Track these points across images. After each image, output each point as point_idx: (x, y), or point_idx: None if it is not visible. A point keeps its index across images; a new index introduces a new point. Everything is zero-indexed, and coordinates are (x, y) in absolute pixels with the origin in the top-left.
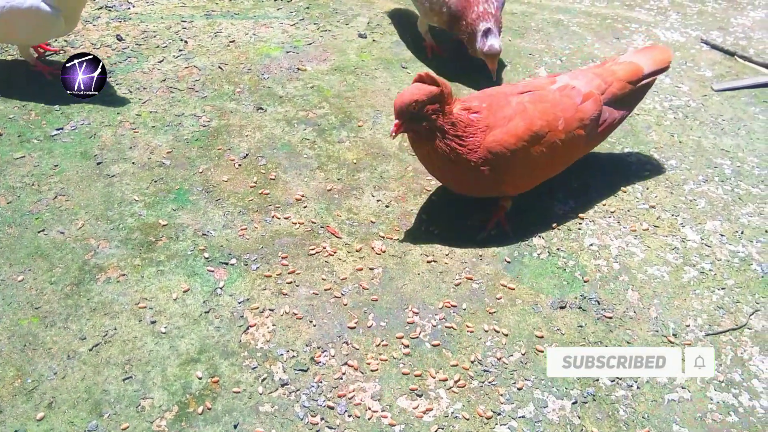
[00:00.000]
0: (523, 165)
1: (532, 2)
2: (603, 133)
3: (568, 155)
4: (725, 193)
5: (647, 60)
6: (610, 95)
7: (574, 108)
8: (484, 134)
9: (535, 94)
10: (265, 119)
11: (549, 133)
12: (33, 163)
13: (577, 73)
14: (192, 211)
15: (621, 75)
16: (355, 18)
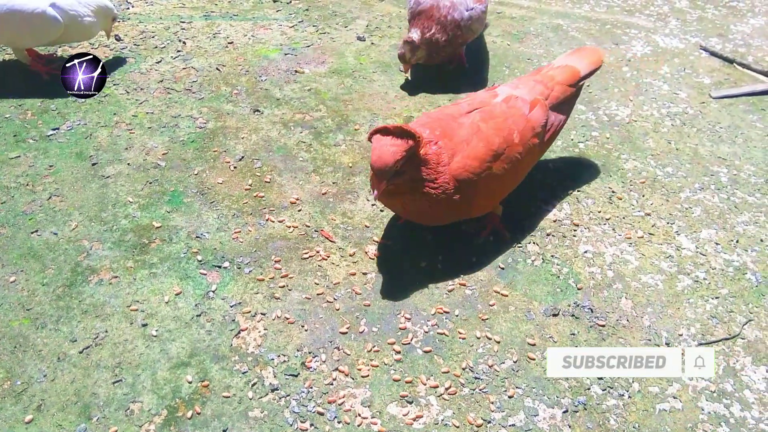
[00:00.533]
0: (489, 185)
1: (532, 6)
2: (551, 138)
3: (527, 166)
4: (721, 201)
5: (582, 62)
6: (554, 100)
7: (524, 118)
8: (444, 165)
9: (484, 111)
10: (262, 121)
11: (507, 148)
12: (28, 163)
13: (517, 81)
14: (186, 213)
15: (560, 79)
16: (353, 21)
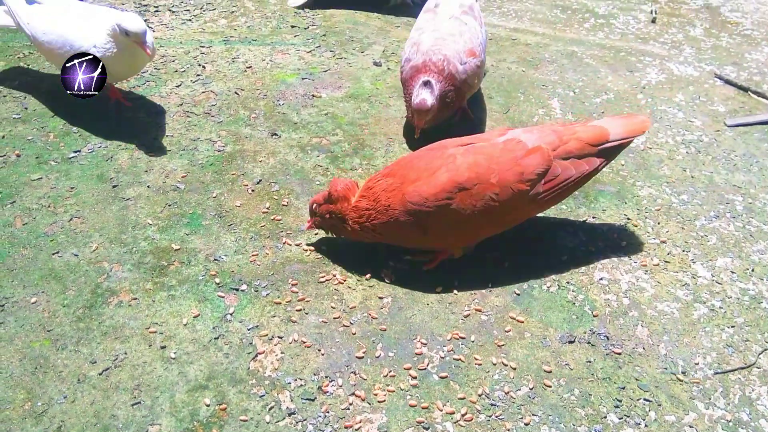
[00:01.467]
0: (448, 217)
1: (547, 33)
2: (558, 191)
3: (508, 212)
4: (736, 229)
5: (617, 126)
6: (563, 152)
7: (512, 161)
8: (398, 191)
9: (471, 147)
10: (279, 145)
11: (477, 185)
12: (50, 184)
13: (534, 128)
14: (204, 236)
15: (582, 135)
16: (370, 46)
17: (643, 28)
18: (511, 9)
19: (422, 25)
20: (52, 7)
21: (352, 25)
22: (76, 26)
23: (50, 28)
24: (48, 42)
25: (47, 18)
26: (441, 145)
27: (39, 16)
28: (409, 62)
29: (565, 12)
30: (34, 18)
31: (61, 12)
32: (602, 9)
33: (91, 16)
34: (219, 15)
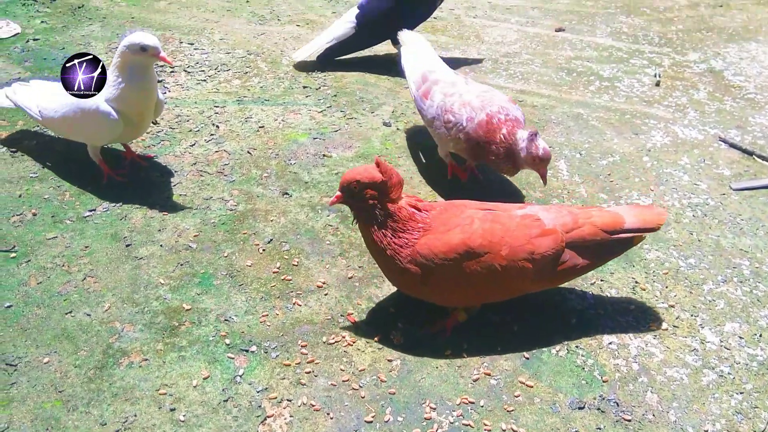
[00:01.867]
0: (452, 277)
1: (553, 95)
2: (564, 274)
3: (510, 284)
4: (744, 294)
5: (632, 216)
6: (576, 237)
7: (525, 239)
8: (420, 234)
9: (490, 213)
10: (290, 204)
11: (488, 254)
12: (65, 243)
13: (552, 207)
14: (215, 296)
15: (597, 220)
16: (380, 107)
17: (647, 91)
18: (517, 71)
19: (451, 91)
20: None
21: (362, 86)
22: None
23: (59, 102)
24: (61, 116)
25: (53, 95)
26: (463, 204)
27: (44, 96)
28: (473, 120)
29: (570, 75)
30: (41, 100)
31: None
32: (607, 72)
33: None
34: (233, 75)
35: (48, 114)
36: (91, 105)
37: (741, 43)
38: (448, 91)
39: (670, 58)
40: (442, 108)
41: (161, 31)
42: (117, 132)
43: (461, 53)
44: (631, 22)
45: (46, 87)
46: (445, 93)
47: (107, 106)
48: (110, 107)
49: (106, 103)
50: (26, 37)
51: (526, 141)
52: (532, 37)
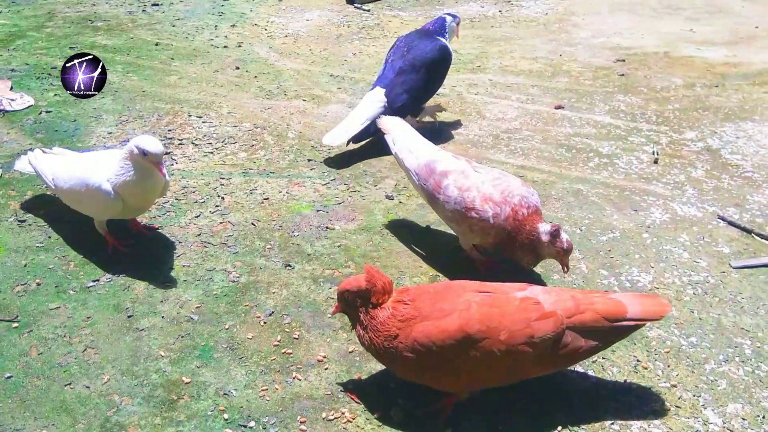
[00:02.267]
0: (450, 363)
1: (552, 171)
2: (567, 358)
3: (510, 369)
4: (746, 374)
5: (635, 305)
6: (577, 322)
7: (524, 322)
8: (407, 324)
9: (489, 297)
10: (293, 276)
11: (486, 339)
12: (67, 314)
13: (553, 290)
14: (215, 369)
15: (599, 307)
16: (383, 180)
17: (645, 168)
18: (518, 147)
19: (465, 184)
20: (68, 155)
21: (366, 160)
22: (89, 167)
23: (69, 174)
24: (69, 188)
25: (65, 166)
26: (461, 286)
27: (59, 166)
28: (498, 216)
29: (570, 151)
30: (56, 170)
31: (76, 158)
32: (606, 149)
33: (105, 156)
34: (239, 148)
35: (59, 184)
36: (94, 182)
37: (737, 123)
38: (462, 184)
39: (667, 136)
40: (462, 204)
41: (170, 105)
42: (116, 210)
43: (463, 128)
44: (629, 100)
45: (64, 157)
46: (460, 187)
47: (109, 187)
48: (111, 188)
49: (108, 184)
50: (39, 109)
51: (549, 236)
52: (532, 114)
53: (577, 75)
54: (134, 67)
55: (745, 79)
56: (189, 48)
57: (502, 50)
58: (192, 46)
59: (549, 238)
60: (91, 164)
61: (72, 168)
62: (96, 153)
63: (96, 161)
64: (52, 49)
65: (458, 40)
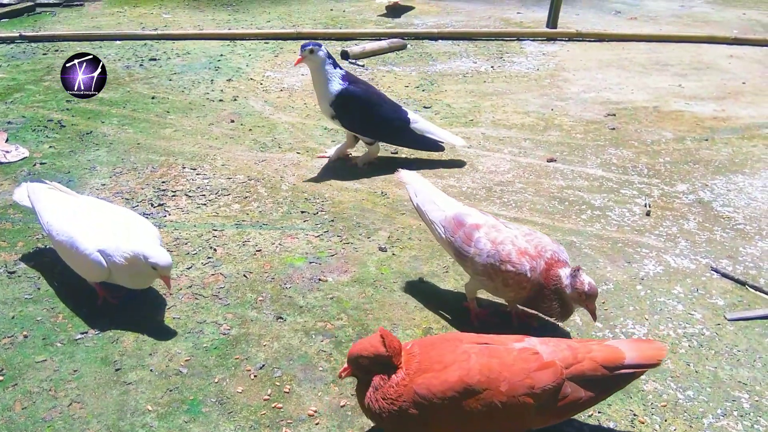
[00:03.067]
0: (451, 416)
1: (545, 223)
2: (566, 409)
3: (511, 421)
4: (745, 429)
5: (632, 351)
6: (576, 372)
7: (524, 373)
8: (410, 379)
9: (487, 348)
10: (284, 329)
11: (486, 390)
12: (53, 367)
13: (550, 340)
14: (203, 424)
15: (597, 356)
16: (376, 232)
17: (638, 220)
18: (511, 199)
19: (499, 238)
20: (69, 203)
21: (359, 212)
22: (83, 228)
23: (62, 228)
24: (58, 242)
25: (60, 218)
26: (456, 338)
27: (54, 215)
28: (535, 270)
29: (562, 203)
30: (50, 217)
31: (73, 211)
32: (598, 202)
33: (103, 214)
34: (233, 200)
35: (51, 232)
36: (83, 249)
37: (728, 175)
38: (495, 237)
39: (659, 188)
40: (496, 258)
41: (165, 157)
42: (104, 277)
43: (456, 181)
44: (620, 153)
45: (59, 203)
46: (494, 240)
47: (99, 257)
48: (102, 258)
49: (99, 254)
50: (34, 161)
51: (570, 278)
52: (524, 166)
53: (568, 129)
54: (130, 119)
55: (734, 133)
56: (185, 102)
57: (494, 104)
58: (188, 99)
59: (570, 281)
60: (86, 225)
61: (66, 221)
62: (95, 207)
63: (91, 223)
64: (49, 102)
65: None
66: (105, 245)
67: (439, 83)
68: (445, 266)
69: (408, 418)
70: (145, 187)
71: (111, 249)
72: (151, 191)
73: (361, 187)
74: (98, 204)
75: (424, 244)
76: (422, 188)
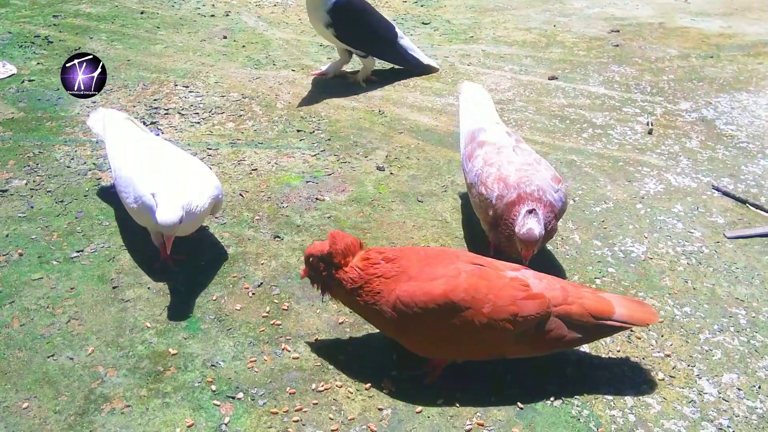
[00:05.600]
0: (430, 327)
1: (546, 142)
2: (546, 343)
3: (489, 343)
4: (741, 344)
5: (623, 308)
6: (563, 312)
7: (510, 299)
8: (393, 281)
9: (479, 269)
10: (282, 248)
11: (469, 309)
12: (50, 285)
13: (546, 277)
14: (203, 340)
15: (587, 303)
16: (374, 151)
17: (640, 139)
18: (511, 118)
19: (492, 160)
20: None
21: (356, 131)
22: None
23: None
24: (121, 183)
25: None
26: (454, 254)
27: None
28: (502, 199)
29: (563, 122)
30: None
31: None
32: (600, 120)
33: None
34: (227, 118)
35: (115, 174)
36: (139, 192)
37: (732, 93)
38: (490, 158)
39: (662, 106)
40: (478, 178)
41: (156, 74)
42: (148, 225)
43: (455, 99)
44: (623, 71)
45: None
46: (486, 160)
47: (152, 200)
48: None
49: (151, 197)
50: (22, 78)
51: (522, 216)
52: (525, 84)
53: (571, 45)
54: (119, 35)
55: (740, 50)
56: (175, 17)
57: (495, 21)
58: (178, 14)
59: (520, 219)
60: (148, 171)
61: (131, 167)
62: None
63: (155, 169)
64: (35, 17)
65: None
66: (160, 188)
67: None
68: (443, 185)
69: (387, 320)
70: (137, 104)
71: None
72: (143, 109)
73: (358, 106)
74: (167, 148)
75: (423, 163)
76: (473, 100)
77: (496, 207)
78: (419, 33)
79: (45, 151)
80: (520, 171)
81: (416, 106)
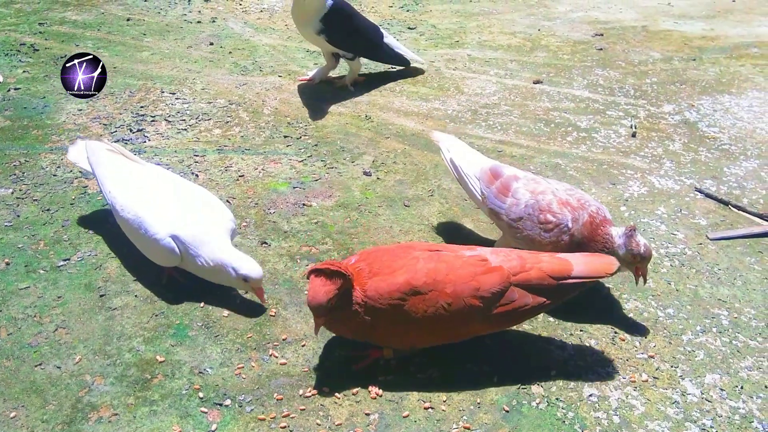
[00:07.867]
0: (399, 317)
1: (531, 146)
2: (514, 315)
3: (457, 324)
4: (723, 345)
5: (582, 264)
6: (523, 279)
7: (470, 276)
8: (360, 282)
9: (437, 254)
10: (269, 254)
11: (432, 291)
12: (37, 293)
13: (501, 250)
14: (190, 348)
15: (545, 266)
16: (360, 156)
17: (623, 142)
18: (497, 122)
19: (539, 189)
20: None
21: (343, 136)
22: (153, 209)
23: (128, 204)
24: (124, 219)
25: (127, 193)
26: (409, 246)
27: (119, 189)
28: (577, 221)
29: (548, 125)
30: (115, 191)
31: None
32: (584, 123)
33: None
34: (214, 125)
35: (115, 205)
36: (153, 233)
37: (714, 96)
38: (534, 188)
39: (645, 109)
40: (535, 207)
41: (143, 81)
42: (175, 263)
43: (441, 104)
44: (607, 75)
45: (124, 172)
46: (533, 190)
47: (171, 242)
48: (174, 244)
49: (171, 239)
50: (8, 86)
51: (624, 237)
52: (510, 88)
53: (555, 49)
54: (105, 42)
55: (723, 53)
56: (161, 24)
57: (480, 25)
58: (164, 21)
59: (624, 240)
60: (156, 205)
61: (133, 198)
62: (165, 180)
63: (161, 203)
64: (21, 25)
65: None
66: (178, 228)
67: (423, 3)
68: (429, 190)
69: (357, 319)
70: (123, 112)
71: (189, 240)
72: (130, 116)
73: (345, 111)
74: (165, 177)
75: (409, 168)
76: (455, 145)
77: (572, 231)
78: (405, 38)
79: (31, 159)
80: (571, 195)
81: (402, 110)
